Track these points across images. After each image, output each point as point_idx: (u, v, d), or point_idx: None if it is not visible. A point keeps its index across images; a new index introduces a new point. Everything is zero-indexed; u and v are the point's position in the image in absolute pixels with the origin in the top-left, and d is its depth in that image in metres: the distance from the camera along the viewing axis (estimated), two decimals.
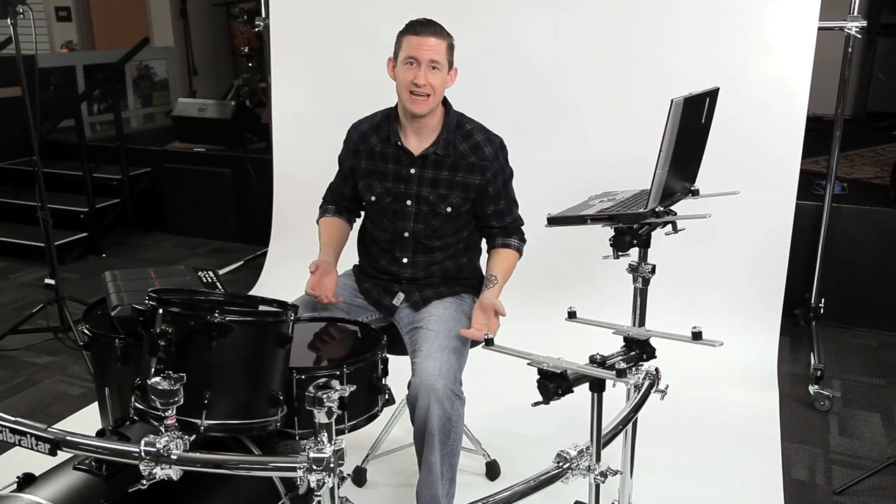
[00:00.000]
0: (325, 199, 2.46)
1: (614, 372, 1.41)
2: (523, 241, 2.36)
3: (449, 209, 2.22)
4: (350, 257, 2.45)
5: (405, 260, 2.29)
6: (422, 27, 2.13)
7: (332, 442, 1.34)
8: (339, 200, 2.42)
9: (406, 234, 2.26)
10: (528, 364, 1.42)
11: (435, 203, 2.21)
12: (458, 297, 2.31)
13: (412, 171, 2.21)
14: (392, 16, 3.80)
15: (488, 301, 2.20)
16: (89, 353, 2.32)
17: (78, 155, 4.94)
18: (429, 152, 2.20)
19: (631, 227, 1.95)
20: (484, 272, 2.36)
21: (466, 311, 2.28)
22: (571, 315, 1.66)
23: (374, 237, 2.33)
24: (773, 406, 3.00)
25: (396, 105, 2.24)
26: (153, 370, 1.53)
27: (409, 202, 2.23)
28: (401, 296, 2.30)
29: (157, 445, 1.37)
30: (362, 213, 2.44)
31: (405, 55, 2.11)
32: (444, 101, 2.23)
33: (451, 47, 2.16)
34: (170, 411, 1.40)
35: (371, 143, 2.26)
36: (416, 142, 2.21)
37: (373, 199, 2.26)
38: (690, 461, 2.64)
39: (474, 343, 2.27)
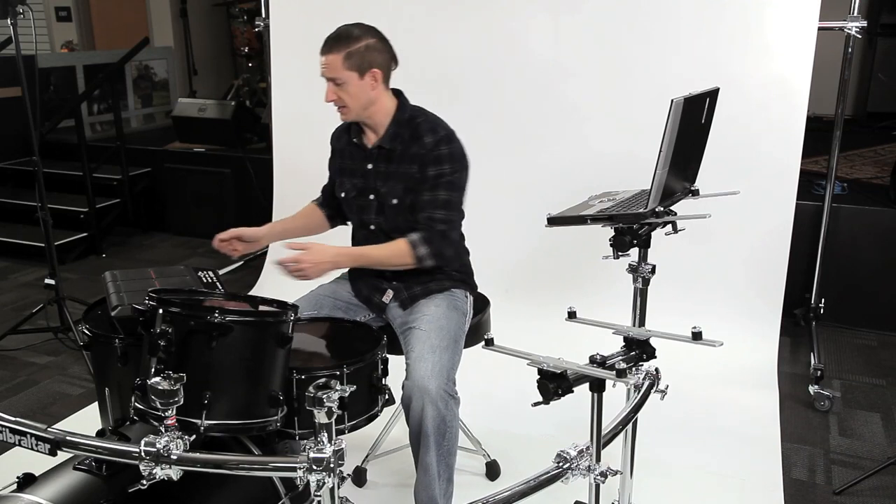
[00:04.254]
0: (321, 192, 2.54)
1: (614, 372, 1.41)
2: (427, 244, 2.15)
3: (395, 201, 2.22)
4: None
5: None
6: (323, 44, 2.14)
7: (332, 442, 1.34)
8: (326, 193, 2.50)
9: (372, 228, 2.29)
10: (528, 364, 1.42)
11: (385, 195, 2.24)
12: (448, 293, 2.28)
13: (369, 166, 2.25)
14: (392, 16, 3.82)
15: (314, 246, 2.09)
16: (89, 353, 2.32)
17: (78, 155, 4.94)
18: (374, 145, 2.24)
19: (631, 227, 1.95)
20: (471, 269, 2.37)
21: (460, 307, 2.27)
22: (571, 315, 1.66)
23: (356, 235, 2.38)
24: (773, 406, 3.00)
25: None
26: (153, 370, 1.53)
27: (371, 196, 2.26)
28: (390, 293, 2.30)
29: (157, 445, 1.37)
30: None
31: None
32: (400, 97, 2.25)
33: (349, 56, 2.11)
34: (170, 411, 1.40)
35: (342, 142, 2.35)
36: (369, 137, 2.27)
37: (342, 195, 2.33)
38: (690, 461, 2.63)
39: (468, 342, 2.26)
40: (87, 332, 1.98)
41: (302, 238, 2.28)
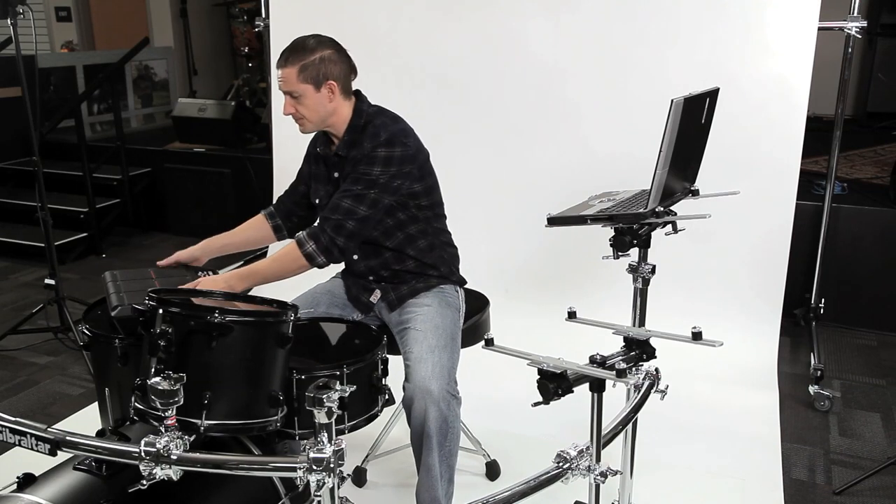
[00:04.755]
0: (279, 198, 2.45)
1: (614, 372, 1.41)
2: (314, 240, 2.07)
3: None
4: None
5: (356, 256, 2.27)
6: (279, 57, 2.10)
7: (332, 442, 1.34)
8: (286, 199, 2.42)
9: None
10: (528, 364, 1.42)
11: None
12: (438, 289, 2.26)
13: (335, 174, 2.23)
14: (392, 16, 3.82)
15: (203, 280, 2.04)
16: (89, 353, 2.32)
17: (78, 155, 4.94)
18: (330, 152, 2.23)
19: (631, 227, 1.95)
20: (455, 265, 2.34)
21: (452, 303, 2.25)
22: (571, 315, 1.66)
23: None
24: (773, 406, 3.00)
25: None
26: (153, 370, 1.53)
27: None
28: (377, 293, 2.28)
29: (157, 445, 1.37)
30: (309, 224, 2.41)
31: None
32: (357, 100, 2.19)
33: (304, 68, 2.06)
34: (170, 411, 1.40)
35: (314, 149, 2.33)
36: (332, 146, 2.25)
37: (317, 201, 2.30)
38: (690, 461, 2.63)
39: (468, 342, 2.26)
40: (87, 332, 1.97)
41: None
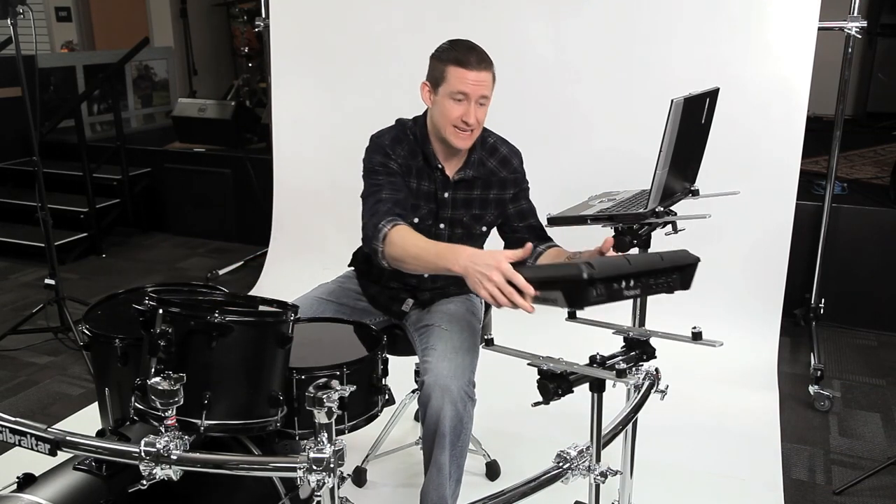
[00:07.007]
0: (388, 211, 2.00)
1: (614, 372, 1.41)
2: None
3: (484, 228, 2.20)
4: (347, 261, 2.45)
5: (426, 274, 2.19)
6: (470, 58, 1.95)
7: (332, 442, 1.35)
8: (406, 208, 2.07)
9: None
10: (528, 364, 1.42)
11: (470, 224, 2.18)
12: (466, 297, 2.29)
13: (445, 194, 2.14)
14: (392, 17, 3.82)
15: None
16: (89, 353, 2.32)
17: (78, 155, 4.94)
18: (465, 175, 2.13)
19: (631, 228, 1.95)
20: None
21: (477, 314, 2.27)
22: (571, 315, 1.66)
23: None
24: (773, 406, 3.00)
25: (421, 122, 2.14)
26: (153, 370, 1.53)
27: (442, 226, 2.17)
28: (409, 301, 2.28)
29: (157, 445, 1.37)
30: None
31: (454, 89, 1.95)
32: None
33: (494, 78, 2.01)
34: (170, 411, 1.40)
35: (407, 159, 2.11)
36: (447, 163, 2.14)
37: (416, 220, 2.12)
38: (690, 461, 2.64)
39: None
40: (87, 332, 1.97)
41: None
